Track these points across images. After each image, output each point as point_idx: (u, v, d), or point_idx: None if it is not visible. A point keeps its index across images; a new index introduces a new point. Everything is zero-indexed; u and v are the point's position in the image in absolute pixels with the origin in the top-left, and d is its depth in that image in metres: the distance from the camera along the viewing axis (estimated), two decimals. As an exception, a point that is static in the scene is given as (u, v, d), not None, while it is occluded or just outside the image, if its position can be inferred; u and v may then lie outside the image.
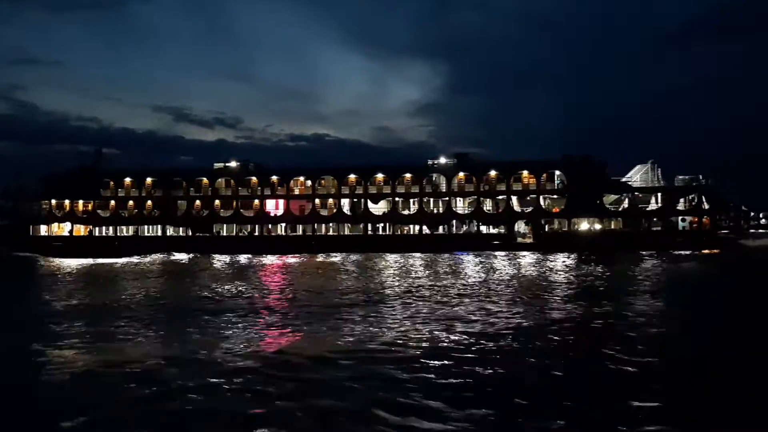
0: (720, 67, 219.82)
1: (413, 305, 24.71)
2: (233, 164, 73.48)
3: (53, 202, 73.90)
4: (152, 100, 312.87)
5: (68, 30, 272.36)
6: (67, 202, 73.53)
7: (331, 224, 69.51)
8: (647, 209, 64.24)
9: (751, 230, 68.59)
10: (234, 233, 71.31)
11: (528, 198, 66.43)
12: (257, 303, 26.41)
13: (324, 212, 69.99)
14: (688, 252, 57.56)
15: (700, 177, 65.23)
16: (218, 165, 73.97)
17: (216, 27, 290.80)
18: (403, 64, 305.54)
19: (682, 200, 64.44)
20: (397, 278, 36.63)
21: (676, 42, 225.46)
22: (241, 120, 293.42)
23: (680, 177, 65.63)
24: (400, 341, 17.42)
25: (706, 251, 58.96)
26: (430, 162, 69.93)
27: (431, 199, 68.89)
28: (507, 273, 39.29)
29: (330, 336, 18.53)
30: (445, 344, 17.02)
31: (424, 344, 17.00)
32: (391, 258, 55.67)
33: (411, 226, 68.17)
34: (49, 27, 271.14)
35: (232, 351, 16.59)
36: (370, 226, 68.39)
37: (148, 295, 30.10)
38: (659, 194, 64.24)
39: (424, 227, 67.50)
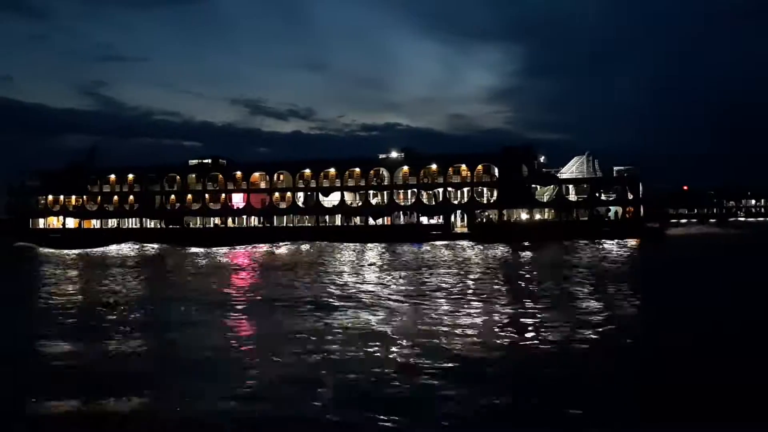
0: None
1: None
2: (207, 161, 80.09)
3: (50, 197, 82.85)
4: (230, 93, 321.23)
5: (152, 27, 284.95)
6: (61, 197, 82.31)
7: (287, 216, 75.15)
8: (575, 200, 66.44)
9: None
10: (202, 225, 78.00)
11: (463, 190, 69.76)
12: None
13: (283, 205, 75.68)
14: (611, 241, 59.73)
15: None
16: (193, 162, 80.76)
17: (289, 18, 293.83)
18: (477, 49, 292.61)
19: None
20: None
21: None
22: (314, 111, 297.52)
23: (616, 168, 67.43)
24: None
25: (630, 240, 60.91)
26: (381, 156, 74.22)
27: (384, 192, 73.07)
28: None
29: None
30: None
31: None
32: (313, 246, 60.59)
33: (358, 218, 72.82)
34: (134, 25, 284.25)
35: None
36: (323, 218, 73.57)
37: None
38: (586, 184, 66.34)
39: (370, 218, 72.08)
